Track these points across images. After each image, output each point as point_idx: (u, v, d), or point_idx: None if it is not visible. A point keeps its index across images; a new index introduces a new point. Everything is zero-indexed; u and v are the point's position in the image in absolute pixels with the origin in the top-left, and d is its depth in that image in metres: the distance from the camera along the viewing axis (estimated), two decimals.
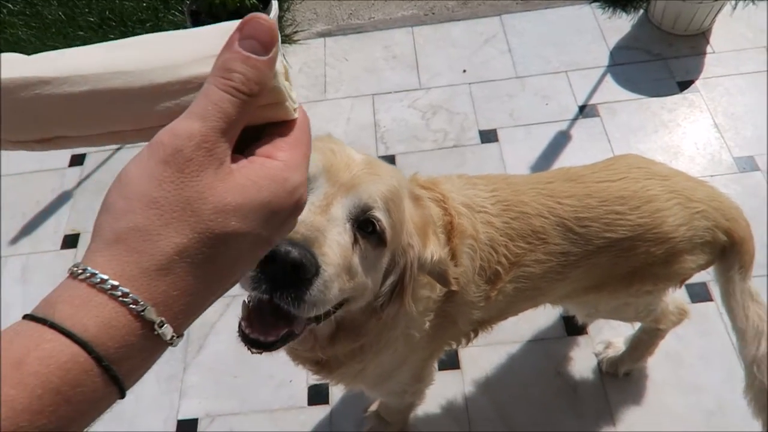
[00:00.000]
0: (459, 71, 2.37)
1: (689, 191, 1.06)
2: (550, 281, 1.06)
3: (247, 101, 0.36)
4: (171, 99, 0.39)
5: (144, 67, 0.39)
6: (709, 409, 1.52)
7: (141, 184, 0.34)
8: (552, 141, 2.10)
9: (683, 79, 2.20)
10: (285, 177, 0.37)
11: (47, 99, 0.40)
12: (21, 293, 1.98)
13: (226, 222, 0.35)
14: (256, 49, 0.37)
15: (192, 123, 0.35)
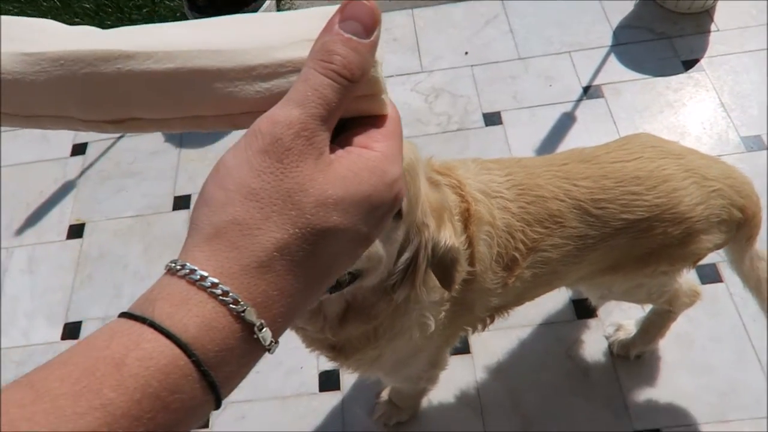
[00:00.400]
0: (461, 53, 2.34)
1: (704, 169, 1.05)
2: (568, 265, 1.05)
3: (348, 87, 0.34)
4: (262, 82, 0.36)
5: (235, 47, 0.36)
6: (721, 389, 1.53)
7: (239, 174, 0.32)
8: (557, 123, 2.09)
9: (688, 58, 2.18)
10: (384, 169, 0.35)
11: (128, 75, 0.36)
12: (28, 284, 1.98)
13: (327, 216, 0.33)
14: (358, 32, 0.34)
15: (291, 110, 0.33)
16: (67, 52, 0.36)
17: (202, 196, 0.34)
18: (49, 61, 0.36)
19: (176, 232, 2.03)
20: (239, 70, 0.36)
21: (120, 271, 1.98)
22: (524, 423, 1.55)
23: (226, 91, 0.36)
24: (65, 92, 0.37)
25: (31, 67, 0.36)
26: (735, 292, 1.67)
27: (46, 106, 0.37)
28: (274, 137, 0.32)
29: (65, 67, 0.36)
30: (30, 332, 1.89)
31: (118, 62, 0.36)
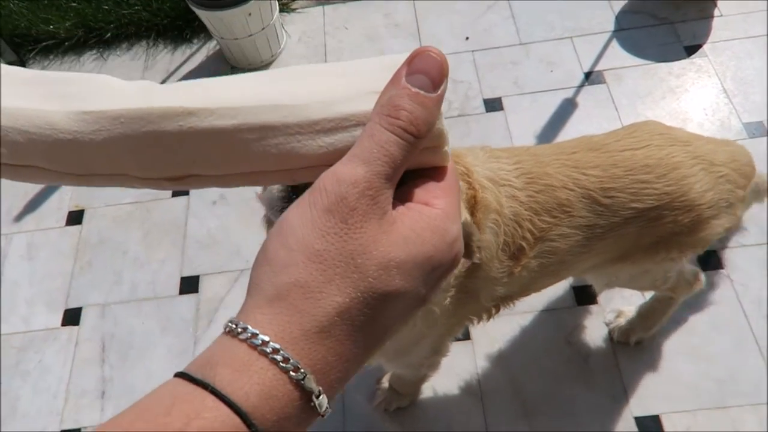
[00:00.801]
0: (462, 39, 2.32)
1: (711, 155, 1.05)
2: (575, 255, 1.04)
3: (414, 143, 0.33)
4: (325, 137, 0.35)
5: (298, 102, 0.35)
6: (720, 377, 1.54)
7: (304, 234, 0.32)
8: (558, 109, 2.07)
9: (691, 43, 2.16)
10: (445, 228, 0.34)
11: (190, 132, 0.35)
12: (28, 270, 1.97)
13: (389, 280, 0.32)
14: (426, 86, 0.33)
15: (356, 167, 0.32)
16: (127, 110, 0.36)
17: (264, 254, 0.33)
18: (108, 120, 0.36)
19: (175, 219, 2.03)
20: (302, 125, 0.35)
21: (119, 257, 1.98)
22: (524, 409, 1.55)
23: (289, 146, 0.35)
24: (124, 150, 0.36)
25: (90, 126, 0.36)
26: (736, 278, 1.67)
27: (103, 165, 0.37)
28: (339, 196, 0.32)
29: (125, 125, 0.36)
30: (30, 318, 1.89)
31: (179, 119, 0.35)
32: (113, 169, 0.37)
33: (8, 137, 0.36)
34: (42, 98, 0.37)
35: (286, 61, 2.37)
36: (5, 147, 0.36)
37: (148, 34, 2.51)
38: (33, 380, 1.78)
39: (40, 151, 0.36)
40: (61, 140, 0.36)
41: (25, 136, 0.36)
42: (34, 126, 0.36)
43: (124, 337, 1.82)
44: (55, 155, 0.36)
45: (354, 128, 0.35)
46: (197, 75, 2.39)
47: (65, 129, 0.36)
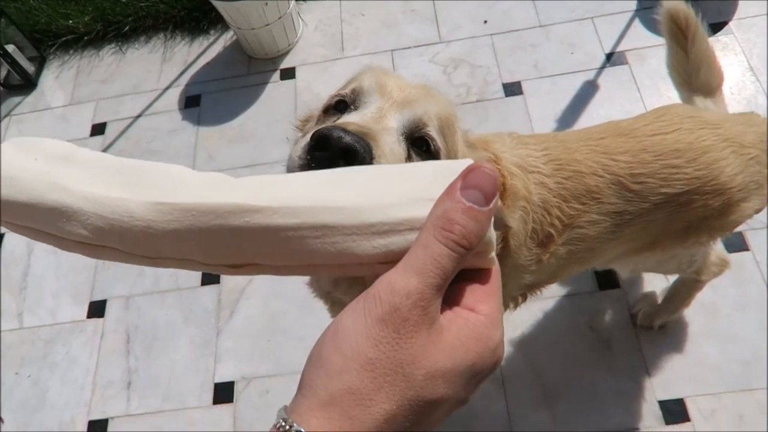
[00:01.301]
0: (480, 22, 2.29)
1: (741, 137, 1.02)
2: (604, 242, 1.03)
3: (465, 255, 0.35)
4: (379, 239, 0.38)
5: (356, 205, 0.38)
6: (745, 359, 1.51)
7: (358, 342, 0.34)
8: (579, 92, 2.04)
9: (716, 20, 2.10)
10: (489, 335, 0.36)
11: (254, 228, 0.39)
12: (53, 264, 2.02)
13: (435, 388, 0.34)
14: (479, 201, 0.35)
15: (409, 278, 0.34)
16: (198, 204, 0.39)
17: (318, 357, 0.35)
18: (181, 211, 0.39)
19: None
20: (359, 227, 0.38)
21: None
22: (546, 394, 1.55)
23: (345, 245, 0.38)
24: (192, 239, 0.39)
25: (164, 216, 0.39)
26: (761, 260, 1.64)
27: (172, 250, 0.40)
28: (392, 306, 0.33)
29: (196, 218, 0.39)
30: (57, 311, 1.93)
31: (246, 215, 0.38)
32: (180, 255, 0.41)
33: (91, 222, 0.40)
34: (122, 186, 0.41)
35: (304, 50, 2.36)
36: (89, 231, 0.40)
37: (165, 26, 2.53)
38: (61, 372, 1.82)
39: (118, 235, 0.40)
40: (137, 227, 0.39)
41: (106, 221, 0.40)
42: (114, 213, 0.40)
43: (148, 328, 1.85)
44: (130, 239, 0.40)
45: (408, 232, 0.38)
46: (215, 66, 2.40)
47: (141, 217, 0.39)
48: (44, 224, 0.41)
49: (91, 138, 2.29)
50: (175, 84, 2.39)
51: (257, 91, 2.30)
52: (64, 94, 2.44)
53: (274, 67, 2.35)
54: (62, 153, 0.44)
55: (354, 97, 0.75)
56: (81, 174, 0.42)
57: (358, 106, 0.74)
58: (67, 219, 0.40)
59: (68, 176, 0.42)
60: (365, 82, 0.75)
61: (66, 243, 0.42)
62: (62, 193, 0.41)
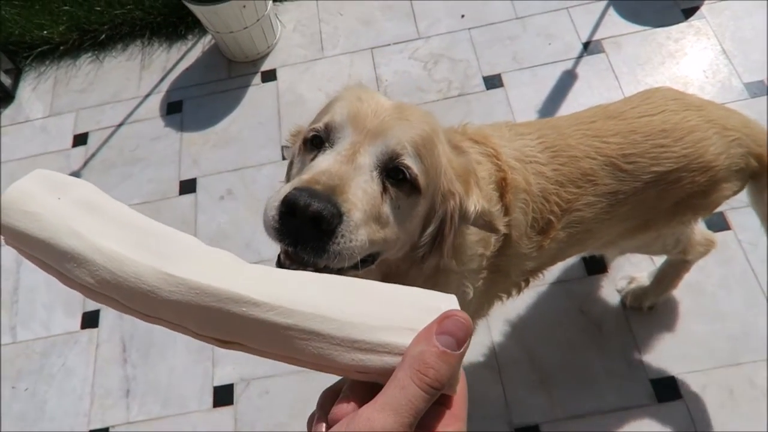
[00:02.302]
0: (457, 16, 2.31)
1: (724, 120, 1.06)
2: (600, 222, 1.07)
3: (436, 395, 0.40)
4: (359, 354, 0.42)
5: (345, 319, 0.42)
6: (733, 334, 1.56)
7: None
8: (558, 81, 2.07)
9: (688, 6, 2.14)
10: None
11: (249, 318, 0.42)
12: (43, 276, 1.99)
13: None
14: (452, 345, 0.40)
15: (387, 416, 0.38)
16: (204, 285, 0.42)
17: None
18: (186, 287, 0.43)
19: (185, 216, 2.04)
20: (343, 340, 0.42)
21: None
22: (542, 378, 1.58)
23: (327, 352, 0.42)
24: (190, 312, 0.43)
25: (169, 286, 0.43)
26: (743, 238, 1.68)
27: (170, 316, 0.44)
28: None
29: (197, 296, 0.42)
30: (50, 323, 1.92)
31: (244, 306, 0.42)
32: (176, 321, 0.44)
33: (99, 274, 0.43)
34: (136, 248, 0.44)
35: (284, 52, 2.37)
36: (96, 281, 0.43)
37: (142, 33, 2.51)
38: (58, 383, 1.81)
39: (121, 291, 0.43)
40: (142, 289, 0.43)
41: (114, 277, 0.43)
42: (123, 272, 0.43)
43: (144, 335, 1.85)
44: (132, 297, 0.43)
45: (386, 355, 0.42)
46: (195, 71, 2.39)
47: (147, 282, 0.43)
48: (55, 262, 0.45)
49: (74, 149, 2.27)
50: (156, 91, 2.38)
51: (239, 94, 2.30)
52: (43, 106, 2.42)
53: (255, 70, 2.35)
54: (86, 199, 0.47)
55: (328, 132, 0.77)
56: (100, 226, 0.45)
57: (332, 141, 0.76)
58: (77, 264, 0.44)
59: (87, 226, 0.45)
60: (337, 116, 0.77)
61: (71, 282, 0.45)
62: (78, 241, 0.44)
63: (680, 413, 1.49)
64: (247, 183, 2.07)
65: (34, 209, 0.45)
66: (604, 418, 1.51)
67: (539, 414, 1.54)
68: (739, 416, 1.46)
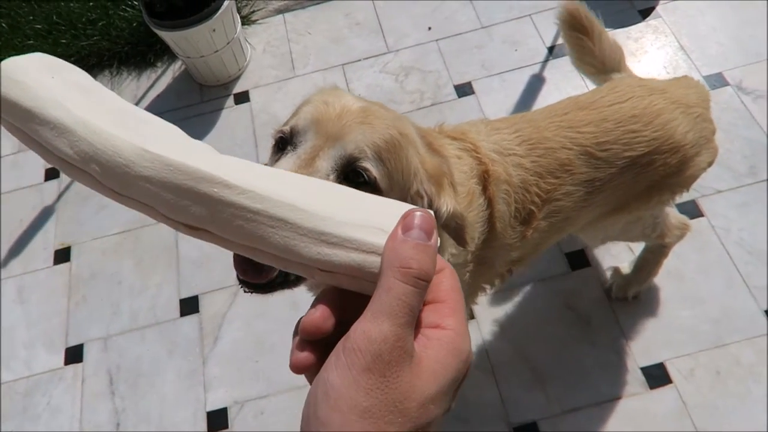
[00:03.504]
0: (424, 29, 2.36)
1: (685, 98, 1.12)
2: (579, 210, 1.10)
3: (425, 288, 0.38)
4: (325, 248, 0.41)
5: (315, 211, 0.42)
6: (714, 317, 1.60)
7: (350, 395, 0.36)
8: (527, 86, 2.13)
9: (644, 7, 2.23)
10: (460, 348, 0.39)
11: (220, 200, 0.42)
12: (22, 314, 1.95)
13: (428, 413, 0.37)
14: (422, 237, 0.39)
15: (382, 324, 0.36)
16: (178, 162, 0.43)
17: (316, 419, 0.37)
18: (161, 163, 0.43)
19: (165, 242, 2.02)
20: (311, 231, 0.41)
21: (114, 288, 1.97)
22: (535, 376, 1.60)
23: (292, 242, 0.42)
24: (161, 190, 0.43)
25: (144, 161, 0.43)
26: (716, 224, 1.74)
27: (140, 194, 0.44)
28: (374, 355, 0.36)
29: (171, 173, 0.43)
30: (31, 362, 1.87)
31: (216, 186, 0.42)
32: (147, 200, 0.44)
33: (78, 145, 0.44)
34: (119, 125, 0.45)
35: (255, 73, 2.38)
36: (75, 152, 0.44)
37: (110, 63, 2.50)
38: (44, 423, 1.76)
39: (98, 164, 0.44)
40: (117, 163, 0.43)
41: (92, 149, 0.44)
42: (102, 144, 0.44)
43: (131, 366, 1.81)
44: (106, 171, 0.44)
45: (353, 251, 0.41)
46: (167, 98, 2.39)
47: (124, 155, 0.43)
48: (37, 134, 0.45)
49: (47, 182, 2.23)
50: None
51: (213, 117, 2.30)
52: (11, 142, 2.37)
53: (227, 93, 2.35)
54: (79, 82, 0.48)
55: (292, 136, 0.79)
56: (87, 104, 0.46)
57: (295, 145, 0.78)
58: (59, 134, 0.44)
59: (74, 102, 0.46)
60: (301, 120, 0.78)
61: (50, 156, 0.46)
62: (63, 113, 0.45)
63: (672, 397, 1.52)
64: None
65: (25, 80, 0.46)
66: (599, 409, 1.53)
67: (536, 411, 1.55)
68: (728, 395, 1.50)
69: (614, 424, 1.51)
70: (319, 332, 0.40)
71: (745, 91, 1.97)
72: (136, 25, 2.44)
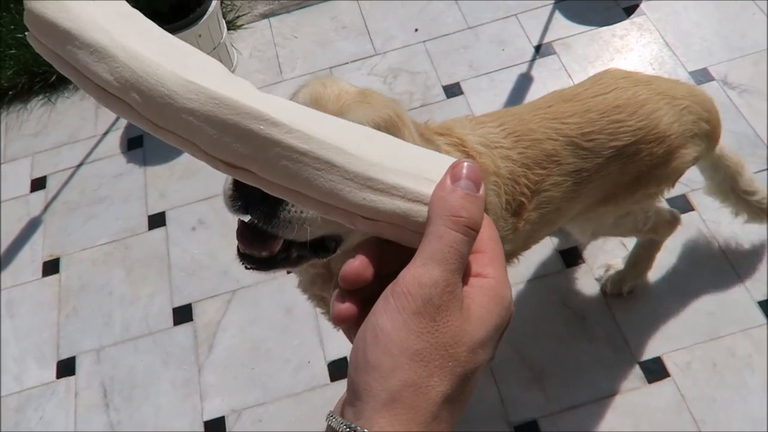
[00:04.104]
0: (411, 31, 2.36)
1: (672, 90, 1.14)
2: (568, 201, 1.11)
3: (474, 237, 0.39)
4: (370, 194, 0.40)
5: (363, 157, 0.41)
6: (708, 310, 1.62)
7: (401, 339, 0.36)
8: (515, 85, 2.14)
9: (628, 4, 2.25)
10: (502, 295, 0.39)
11: (264, 137, 0.40)
12: (11, 328, 1.92)
13: (476, 358, 0.37)
14: (471, 188, 0.39)
15: (432, 269, 0.37)
16: (225, 96, 0.41)
17: (366, 363, 0.37)
18: (206, 96, 0.41)
19: (156, 251, 2.00)
20: (357, 176, 0.40)
21: (105, 298, 1.94)
22: (534, 374, 1.60)
23: (338, 186, 0.40)
24: (204, 125, 0.41)
25: (188, 93, 0.41)
26: (707, 217, 1.76)
27: (181, 128, 0.42)
28: (424, 299, 0.36)
29: (216, 107, 0.40)
30: (22, 377, 1.84)
31: (262, 123, 0.40)
32: (187, 135, 0.42)
33: (119, 71, 0.41)
34: (163, 55, 0.42)
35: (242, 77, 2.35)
36: (114, 78, 0.41)
37: None
38: None
39: (138, 92, 0.41)
40: (159, 92, 0.41)
41: (133, 76, 0.41)
42: (144, 72, 0.41)
43: (125, 377, 1.78)
44: (147, 101, 0.41)
45: (398, 199, 0.40)
46: None
47: (167, 85, 0.41)
48: (75, 58, 0.42)
49: (33, 194, 2.20)
50: (114, 128, 2.34)
51: None
52: None
53: None
54: (121, 8, 0.45)
55: None
56: (128, 30, 0.43)
57: None
58: (99, 59, 0.41)
59: (116, 26, 0.43)
60: (300, 100, 0.78)
61: (85, 83, 0.43)
62: (104, 36, 0.42)
63: (670, 391, 1.53)
64: (219, 211, 2.04)
65: (66, 2, 0.42)
66: (599, 405, 1.54)
67: (536, 410, 1.55)
68: (725, 387, 1.51)
69: (614, 420, 1.51)
70: (360, 280, 0.40)
71: (730, 86, 1.99)
72: None
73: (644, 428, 1.50)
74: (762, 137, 1.87)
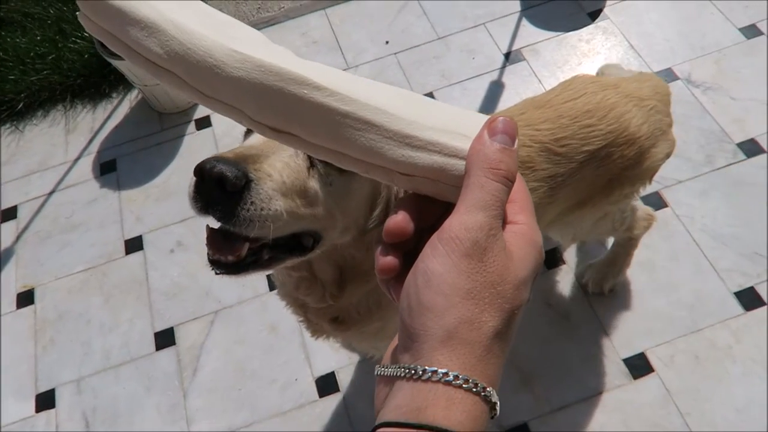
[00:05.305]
0: (382, 44, 2.38)
1: (638, 92, 1.16)
2: (545, 206, 1.12)
3: (511, 187, 0.42)
4: (409, 150, 0.43)
5: (401, 115, 0.43)
6: (688, 303, 1.65)
7: (453, 279, 0.39)
8: (487, 92, 2.16)
9: (592, 9, 2.31)
10: (535, 239, 0.43)
11: (309, 101, 0.43)
12: None
13: (521, 295, 0.40)
14: (507, 142, 0.42)
15: (476, 215, 0.40)
16: (268, 63, 0.43)
17: (420, 304, 0.39)
18: (252, 64, 0.43)
19: (134, 276, 1.97)
20: (396, 134, 0.43)
21: (83, 327, 1.89)
22: (522, 375, 1.60)
23: (378, 144, 0.43)
24: (251, 92, 0.43)
25: (235, 62, 0.43)
26: (681, 213, 1.80)
27: (228, 96, 0.44)
28: (472, 242, 0.39)
29: (262, 74, 0.43)
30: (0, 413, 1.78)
31: (305, 88, 0.43)
32: (234, 102, 0.44)
33: (169, 44, 0.44)
34: (208, 27, 0.45)
35: None
36: (164, 51, 0.44)
37: (63, 96, 2.43)
38: None
39: (187, 65, 0.44)
40: (207, 63, 0.43)
41: (183, 48, 0.44)
42: (192, 44, 0.44)
43: (108, 407, 1.74)
44: (196, 72, 0.44)
45: (436, 154, 0.43)
46: (125, 128, 2.34)
47: (214, 56, 0.43)
48: (126, 35, 0.44)
49: (3, 224, 2.15)
50: (86, 153, 2.30)
51: (174, 145, 2.26)
52: None
53: (188, 119, 2.32)
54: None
55: None
56: (174, 4, 0.45)
57: None
58: (149, 34, 0.44)
59: (164, 2, 0.45)
60: None
61: (135, 57, 0.45)
62: (154, 12, 0.44)
63: (655, 385, 1.55)
64: (197, 232, 2.02)
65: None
66: (587, 404, 1.55)
67: (526, 412, 1.56)
68: (708, 378, 1.54)
69: (603, 418, 1.53)
70: (403, 234, 0.43)
71: (694, 84, 2.05)
72: (87, 56, 2.39)
73: (633, 424, 1.51)
74: (727, 132, 1.92)
